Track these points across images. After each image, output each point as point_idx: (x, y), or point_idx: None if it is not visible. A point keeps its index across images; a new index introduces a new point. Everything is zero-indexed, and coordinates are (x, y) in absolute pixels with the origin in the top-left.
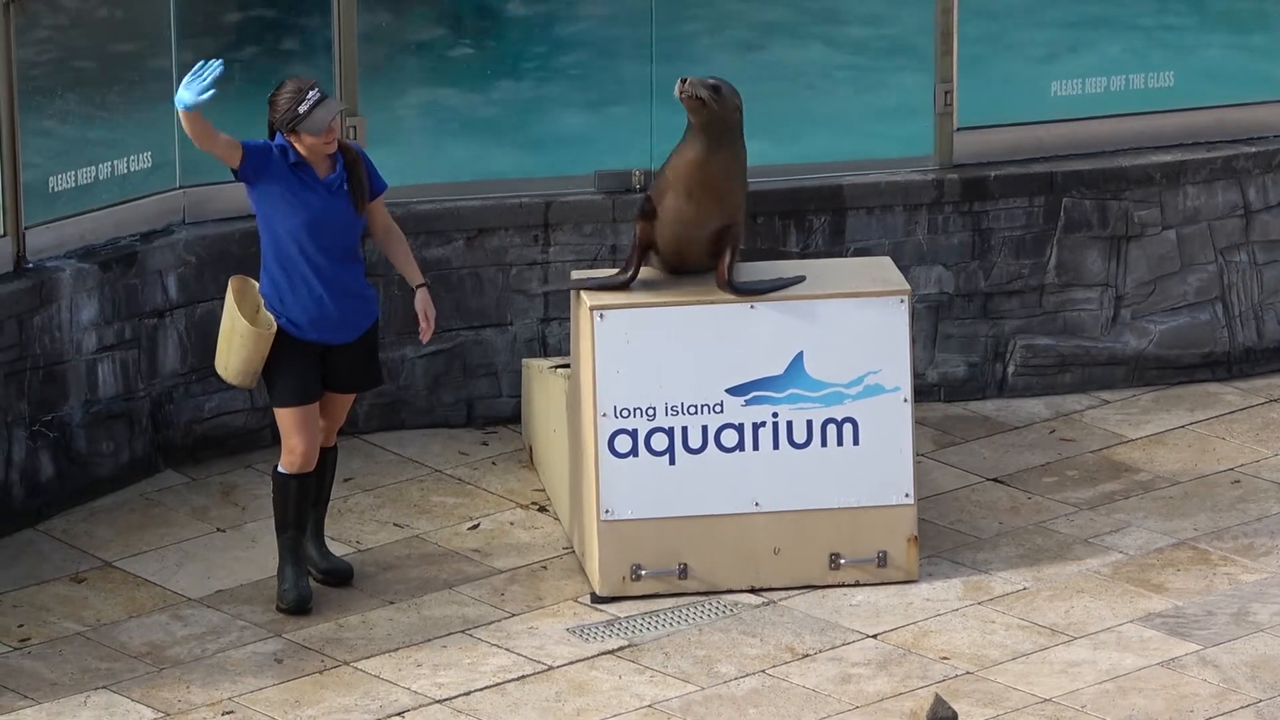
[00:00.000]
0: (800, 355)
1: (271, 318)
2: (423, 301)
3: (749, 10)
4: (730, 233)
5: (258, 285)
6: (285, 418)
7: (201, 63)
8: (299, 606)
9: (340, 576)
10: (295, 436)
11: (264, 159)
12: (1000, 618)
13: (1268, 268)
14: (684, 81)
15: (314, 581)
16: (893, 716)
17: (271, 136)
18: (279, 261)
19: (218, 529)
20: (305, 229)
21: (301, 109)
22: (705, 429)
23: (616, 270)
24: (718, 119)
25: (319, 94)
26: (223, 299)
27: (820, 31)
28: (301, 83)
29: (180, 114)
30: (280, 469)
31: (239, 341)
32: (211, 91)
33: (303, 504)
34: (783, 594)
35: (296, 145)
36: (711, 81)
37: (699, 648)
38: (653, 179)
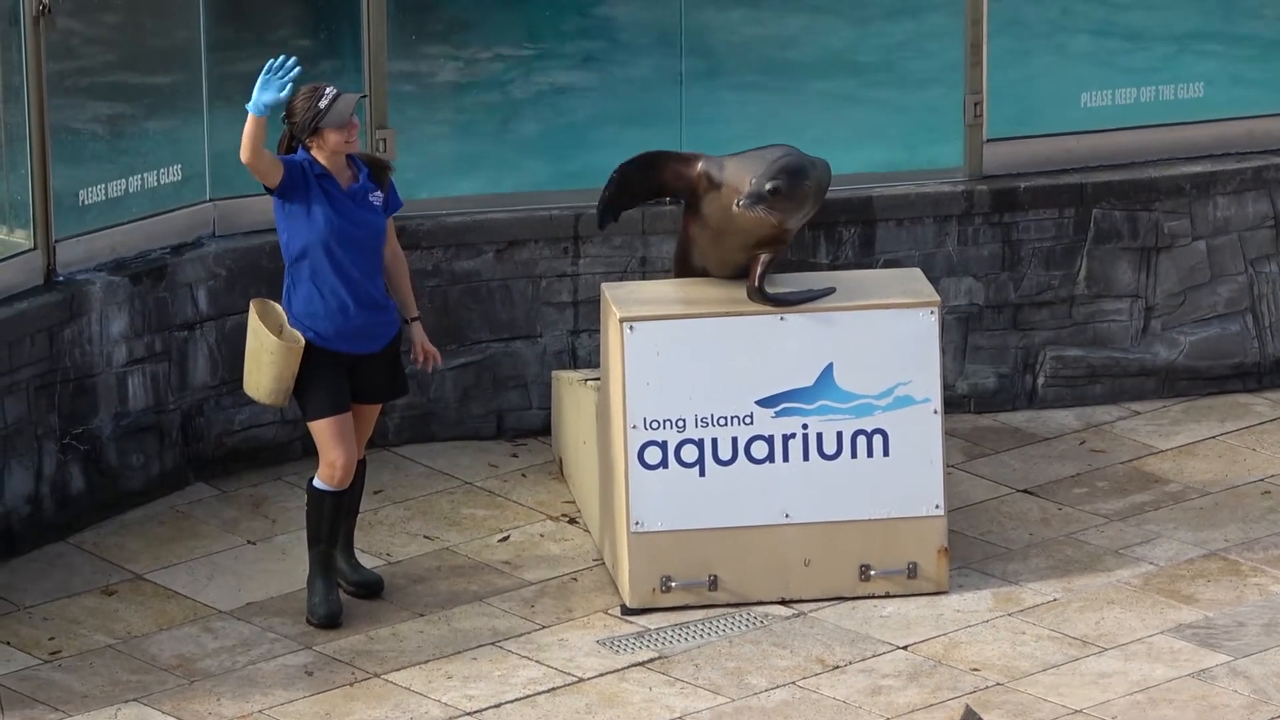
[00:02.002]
0: (830, 367)
1: (298, 334)
2: (420, 334)
3: (778, 21)
4: (771, 249)
5: (279, 305)
6: (322, 430)
7: (273, 61)
8: (330, 620)
9: (371, 589)
10: (335, 449)
11: (298, 173)
12: (1031, 629)
13: None
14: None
15: (344, 594)
16: None
17: (289, 150)
18: (309, 274)
19: (248, 541)
20: (335, 240)
21: (322, 104)
22: (735, 440)
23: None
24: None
25: (335, 90)
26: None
27: (850, 42)
28: (314, 85)
29: (250, 118)
30: (318, 484)
31: (268, 359)
32: (291, 87)
33: (337, 519)
34: (813, 605)
35: (318, 152)
36: (770, 187)
37: (729, 659)
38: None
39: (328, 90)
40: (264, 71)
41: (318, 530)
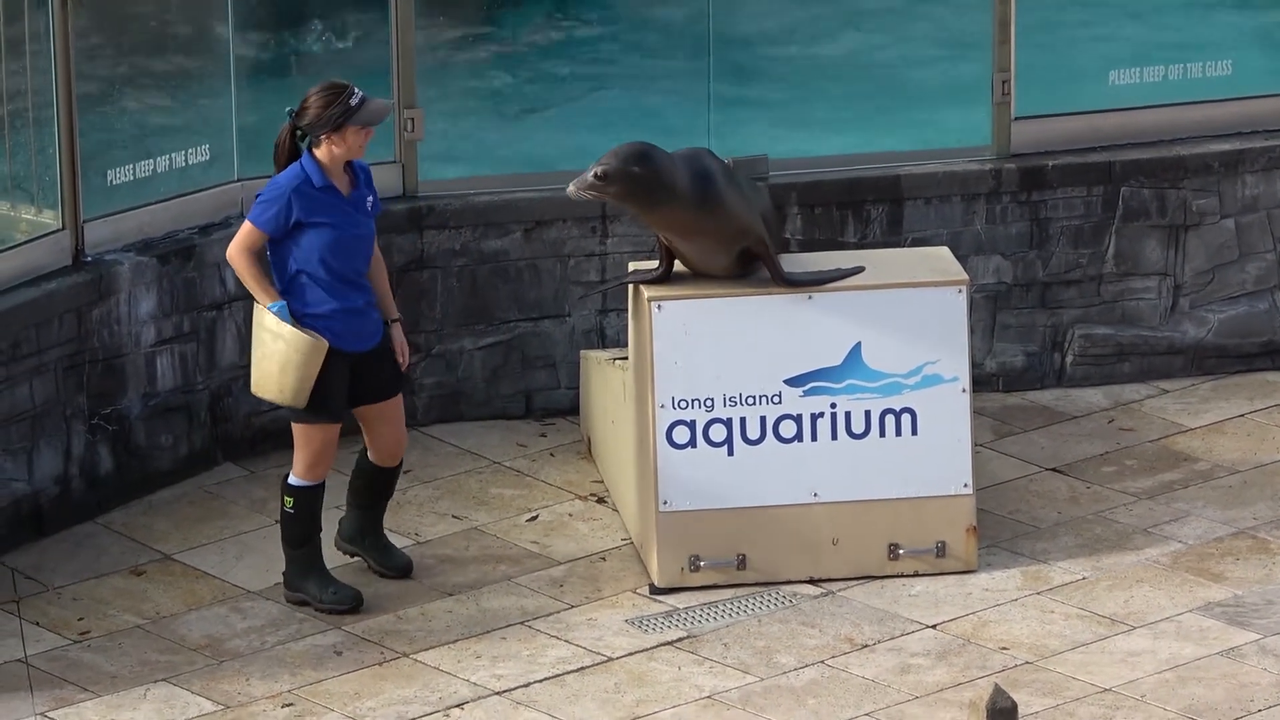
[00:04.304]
0: (858, 346)
1: (316, 334)
2: (400, 336)
3: (804, 1)
4: (755, 248)
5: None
6: (315, 435)
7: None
8: (359, 600)
9: (401, 569)
10: (324, 453)
11: (301, 202)
12: (1059, 607)
13: None
14: (574, 191)
15: (375, 575)
16: (952, 707)
17: (286, 156)
18: (325, 278)
19: (276, 521)
20: (346, 246)
21: (353, 102)
22: (763, 420)
23: (655, 264)
24: (627, 194)
25: (362, 91)
26: None
27: (877, 21)
28: (334, 83)
29: (269, 313)
30: (302, 482)
31: (298, 359)
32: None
33: (320, 509)
34: (841, 584)
35: (326, 149)
36: (598, 170)
37: (758, 638)
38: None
39: (355, 90)
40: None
41: (309, 527)
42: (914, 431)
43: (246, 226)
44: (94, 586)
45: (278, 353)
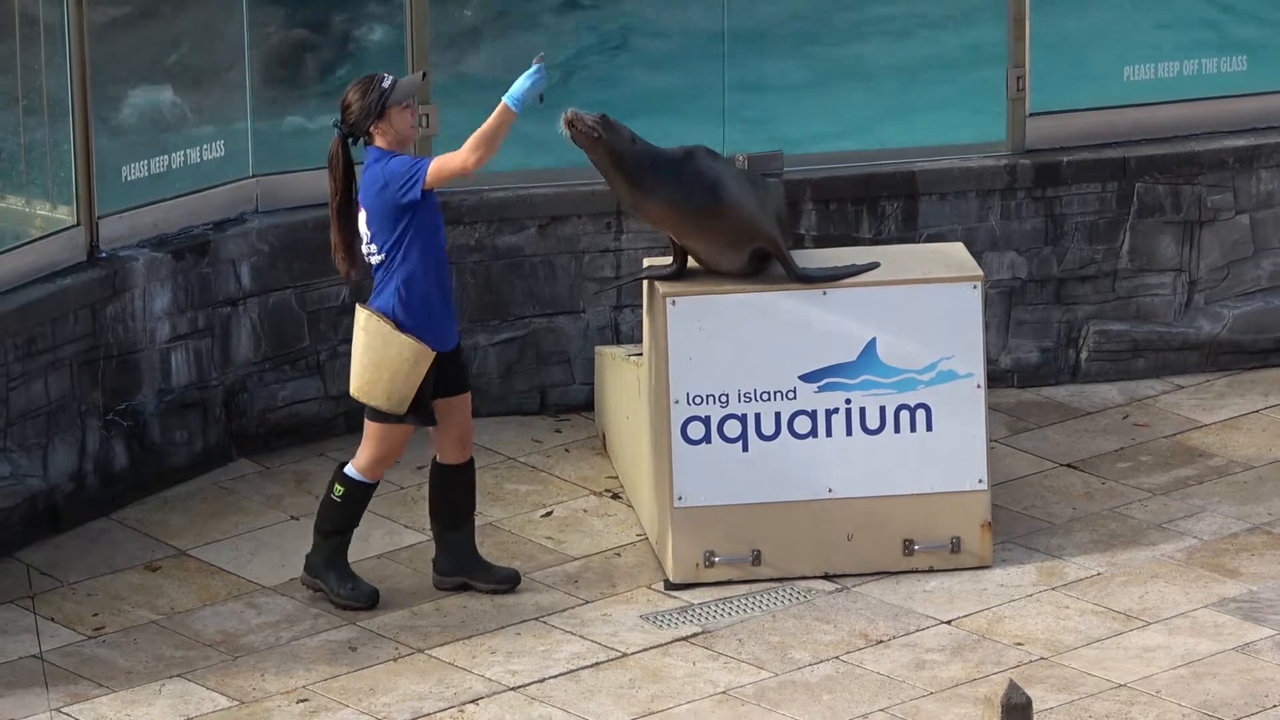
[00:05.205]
0: (873, 341)
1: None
2: None
3: None
4: (767, 248)
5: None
6: (395, 434)
7: (541, 64)
8: (375, 599)
9: (510, 580)
10: (393, 453)
11: None
12: (1074, 603)
13: None
14: (571, 116)
15: (486, 594)
16: (967, 703)
17: (342, 167)
18: (437, 276)
19: (291, 517)
20: (441, 240)
21: (386, 85)
22: (778, 415)
23: (670, 260)
24: (615, 155)
25: (392, 75)
26: (295, 287)
27: (892, 17)
28: (364, 76)
29: (505, 109)
30: (361, 477)
31: (410, 368)
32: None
33: (365, 508)
34: (856, 580)
35: (381, 140)
36: (597, 115)
37: (773, 634)
38: None
39: (385, 75)
40: (533, 71)
41: (351, 520)
42: (929, 427)
43: (433, 166)
44: (109, 582)
45: (387, 360)
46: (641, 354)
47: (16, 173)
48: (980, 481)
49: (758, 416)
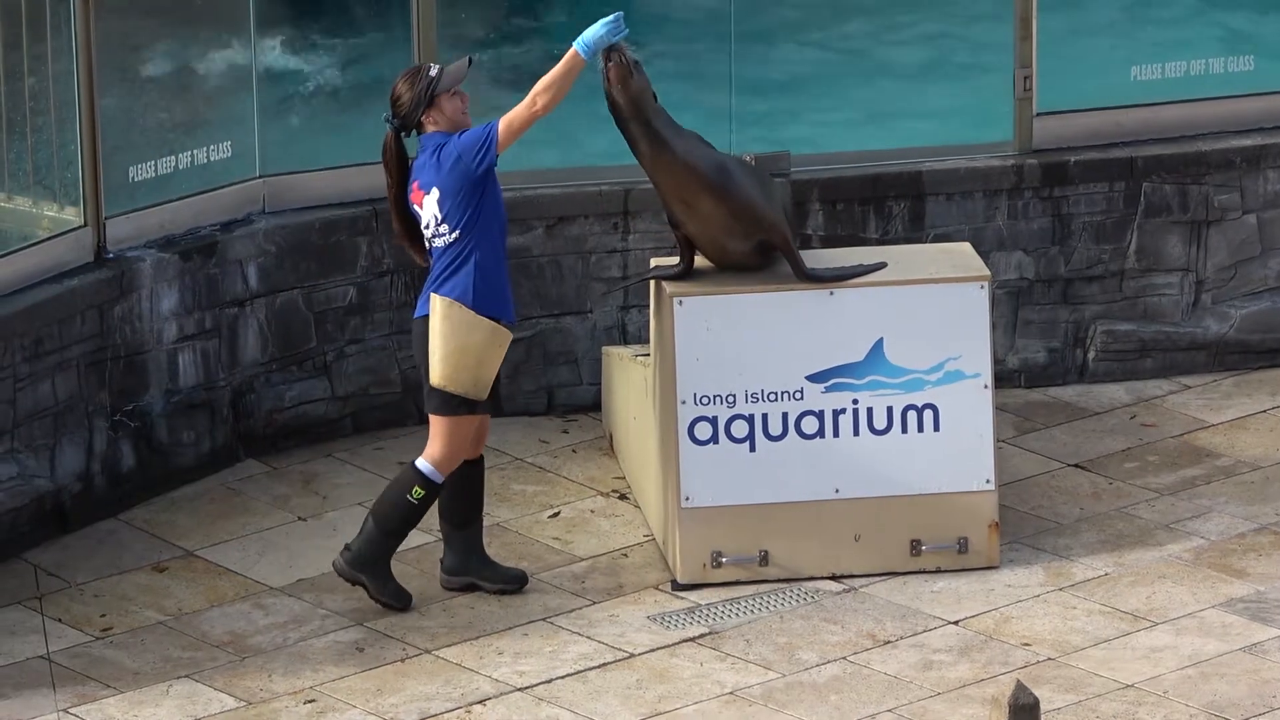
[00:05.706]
0: (880, 342)
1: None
2: None
3: None
4: (775, 241)
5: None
6: (469, 424)
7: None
8: (409, 603)
9: (518, 580)
10: (465, 443)
11: None
12: (1082, 604)
13: None
14: (612, 53)
15: (493, 595)
16: (974, 703)
17: (396, 160)
18: (501, 257)
19: (299, 518)
20: (505, 214)
21: (432, 73)
22: (785, 416)
23: (677, 260)
24: (642, 100)
25: (439, 65)
26: (303, 288)
27: (898, 17)
28: (410, 67)
29: (575, 55)
30: (439, 476)
31: (495, 353)
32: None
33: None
34: (864, 581)
35: (434, 127)
36: (636, 60)
37: (780, 635)
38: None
39: (431, 64)
40: (609, 20)
41: (413, 524)
42: (936, 428)
43: (502, 124)
44: (116, 583)
45: (472, 346)
46: (649, 354)
47: (24, 173)
48: (988, 482)
49: (765, 417)
